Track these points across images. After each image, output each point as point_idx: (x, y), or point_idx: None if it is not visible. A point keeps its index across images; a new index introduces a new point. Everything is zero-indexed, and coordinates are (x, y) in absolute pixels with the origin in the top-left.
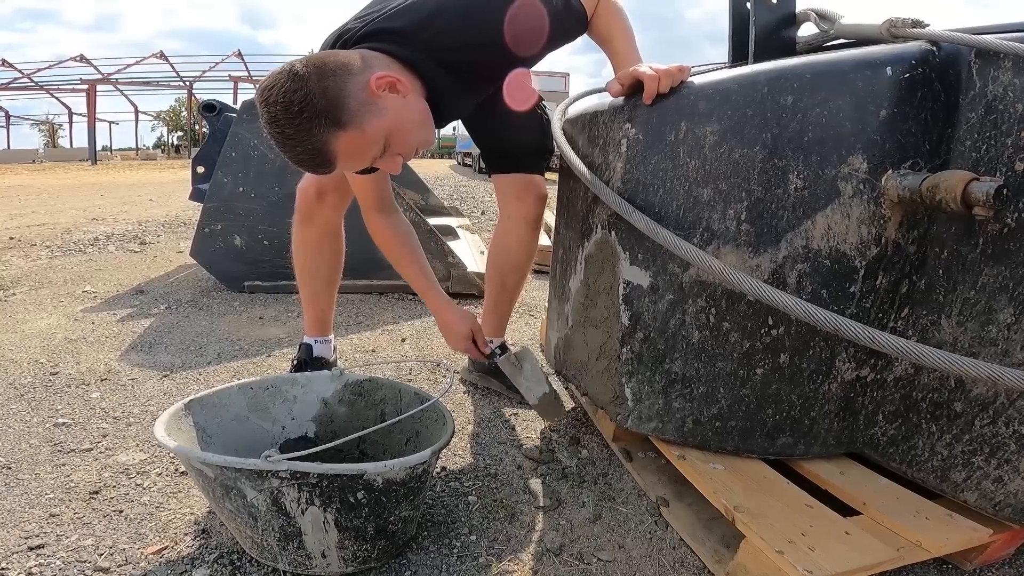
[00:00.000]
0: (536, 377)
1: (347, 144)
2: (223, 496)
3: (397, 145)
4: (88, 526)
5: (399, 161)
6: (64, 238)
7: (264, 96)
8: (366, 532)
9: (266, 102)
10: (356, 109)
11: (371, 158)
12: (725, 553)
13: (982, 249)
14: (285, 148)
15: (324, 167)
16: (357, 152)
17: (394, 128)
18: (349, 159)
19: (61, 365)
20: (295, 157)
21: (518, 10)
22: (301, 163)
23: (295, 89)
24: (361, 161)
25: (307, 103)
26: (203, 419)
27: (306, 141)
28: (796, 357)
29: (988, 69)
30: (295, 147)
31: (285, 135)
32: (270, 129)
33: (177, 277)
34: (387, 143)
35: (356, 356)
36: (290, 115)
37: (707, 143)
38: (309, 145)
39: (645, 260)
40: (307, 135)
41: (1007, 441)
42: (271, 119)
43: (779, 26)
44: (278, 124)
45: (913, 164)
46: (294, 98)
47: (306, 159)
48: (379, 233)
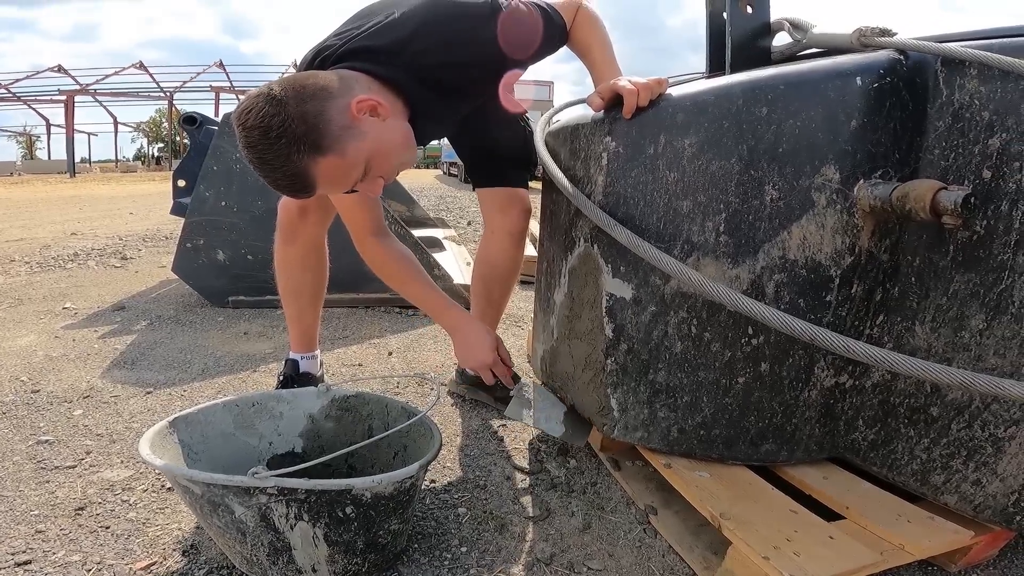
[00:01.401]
0: (547, 404)
1: (327, 169)
2: (211, 512)
3: (378, 168)
4: (75, 542)
5: (380, 184)
6: (43, 253)
7: (241, 120)
8: (356, 546)
9: (244, 126)
10: (336, 134)
11: (352, 182)
12: (713, 559)
13: (953, 256)
14: (264, 173)
15: (304, 192)
16: (338, 177)
17: (375, 151)
18: (329, 184)
19: (42, 383)
20: (274, 182)
21: (504, 25)
22: (280, 188)
23: (273, 114)
24: (342, 185)
25: (285, 128)
26: (188, 436)
27: (285, 166)
28: (776, 365)
29: (954, 77)
30: (274, 172)
31: (264, 160)
32: (248, 153)
33: (159, 292)
34: (368, 166)
35: (343, 370)
36: (268, 140)
37: (685, 155)
38: (288, 170)
39: (627, 273)
40: (286, 160)
41: (983, 444)
42: (249, 144)
43: (754, 36)
44: (256, 149)
45: (884, 174)
46: (272, 123)
47: (285, 184)
48: (379, 257)
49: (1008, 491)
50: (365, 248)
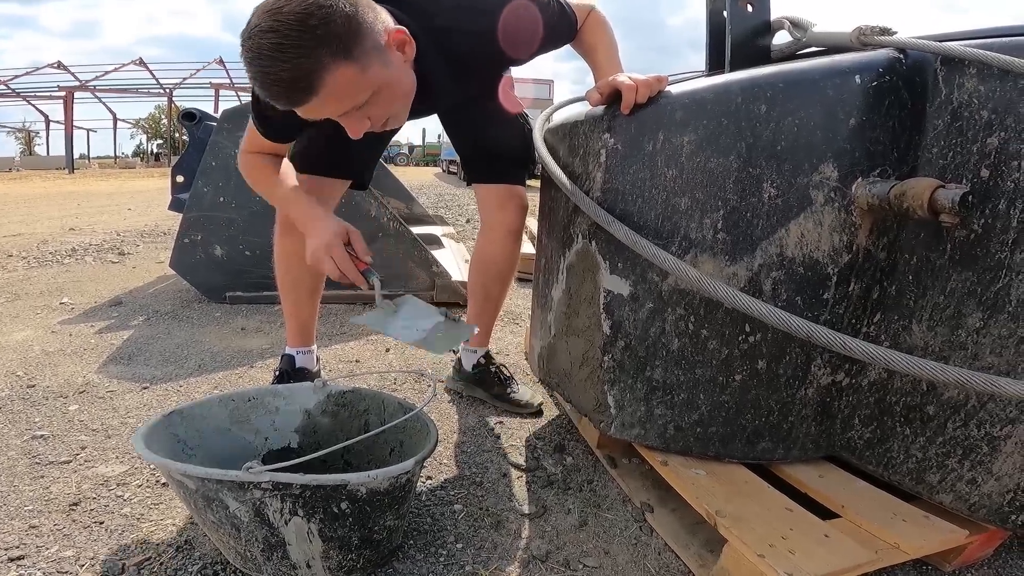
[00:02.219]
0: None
1: (342, 78)
2: (205, 507)
3: (377, 105)
4: (69, 537)
5: (366, 125)
6: (40, 248)
7: (276, 4)
8: (351, 542)
9: (277, 11)
10: (368, 48)
11: (352, 105)
12: (709, 557)
13: (950, 255)
14: (270, 63)
15: (299, 94)
16: (345, 91)
17: (388, 85)
18: (331, 97)
19: (38, 378)
20: (276, 74)
21: (515, 8)
22: (276, 83)
23: (321, 4)
24: (341, 104)
25: (328, 21)
26: (183, 431)
27: (301, 59)
28: (773, 363)
29: (953, 76)
30: (282, 63)
31: (282, 47)
32: (265, 38)
33: (156, 288)
34: (370, 99)
35: (340, 366)
36: (303, 27)
37: (684, 152)
38: (302, 65)
39: (625, 269)
40: (307, 53)
41: (979, 443)
42: (273, 28)
43: (754, 34)
44: (279, 33)
45: (882, 172)
46: (317, 12)
47: (287, 80)
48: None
49: (1003, 490)
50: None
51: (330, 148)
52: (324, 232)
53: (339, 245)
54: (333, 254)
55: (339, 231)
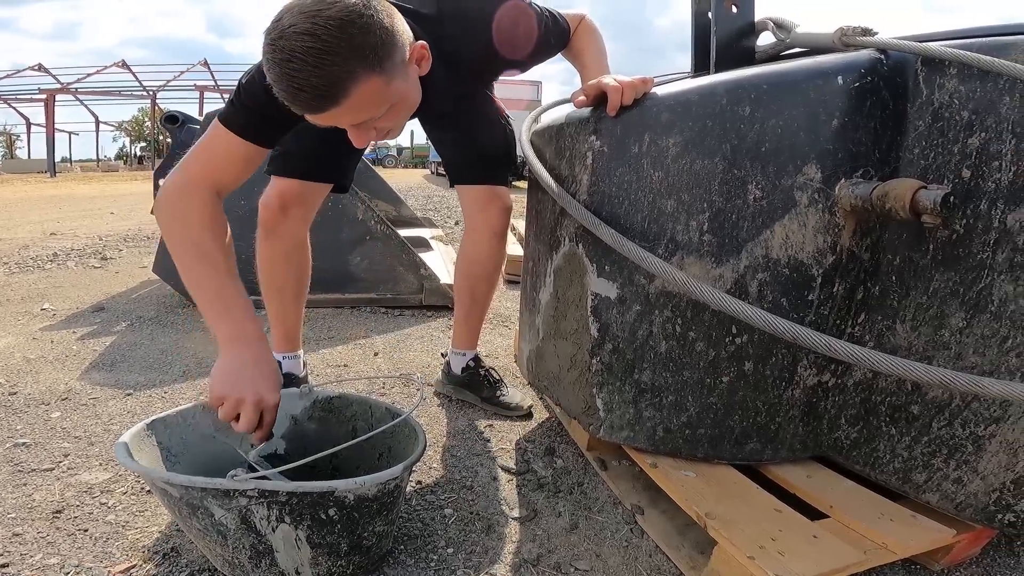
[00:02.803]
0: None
1: (369, 89)
2: (190, 515)
3: (389, 117)
4: (52, 545)
5: (372, 135)
6: (21, 254)
7: (316, 7)
8: (340, 548)
9: (316, 14)
10: (397, 62)
11: (370, 116)
12: (700, 559)
13: (933, 255)
14: (302, 66)
15: (326, 102)
16: (369, 103)
17: (402, 99)
18: (353, 107)
19: (20, 385)
20: (306, 79)
21: (513, 18)
22: (305, 89)
23: (363, 14)
24: (360, 115)
25: (368, 31)
26: (167, 438)
27: (336, 66)
28: (760, 364)
29: (934, 77)
30: (315, 68)
31: (317, 51)
32: (300, 40)
33: (140, 293)
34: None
35: (328, 371)
36: (343, 34)
37: (670, 154)
38: (334, 73)
39: (612, 272)
40: (343, 61)
41: (964, 443)
42: (311, 31)
43: (739, 35)
44: (317, 38)
45: (864, 173)
46: (358, 20)
47: (316, 86)
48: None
49: (989, 489)
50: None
51: (313, 152)
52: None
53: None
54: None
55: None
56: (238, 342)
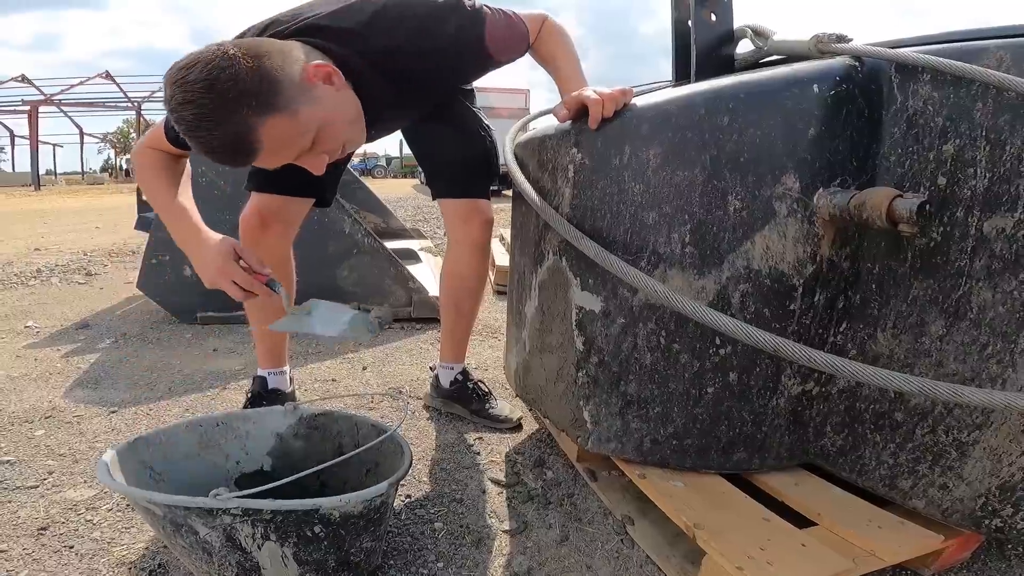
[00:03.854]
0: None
1: (276, 130)
2: (174, 533)
3: (325, 141)
4: (38, 562)
5: (324, 160)
6: (5, 270)
7: (180, 75)
8: (327, 565)
9: (184, 80)
10: (291, 93)
11: (298, 151)
12: (690, 569)
13: (911, 263)
14: (200, 132)
15: (243, 156)
16: (285, 141)
17: (327, 120)
18: (274, 148)
19: (3, 403)
20: (209, 143)
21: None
22: (216, 152)
23: (224, 67)
24: (286, 153)
25: (236, 80)
26: (150, 457)
27: (227, 124)
28: (744, 375)
29: (908, 83)
30: (212, 131)
31: (202, 116)
32: (185, 110)
33: (125, 309)
34: (316, 137)
35: (316, 386)
36: (214, 93)
37: (650, 166)
38: (231, 129)
39: (596, 286)
40: (231, 116)
41: (948, 449)
42: (187, 99)
43: (718, 43)
44: (195, 104)
45: (842, 182)
46: (221, 76)
47: (224, 145)
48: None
49: (975, 495)
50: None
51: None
52: (212, 254)
53: (232, 264)
54: (233, 277)
55: (226, 250)
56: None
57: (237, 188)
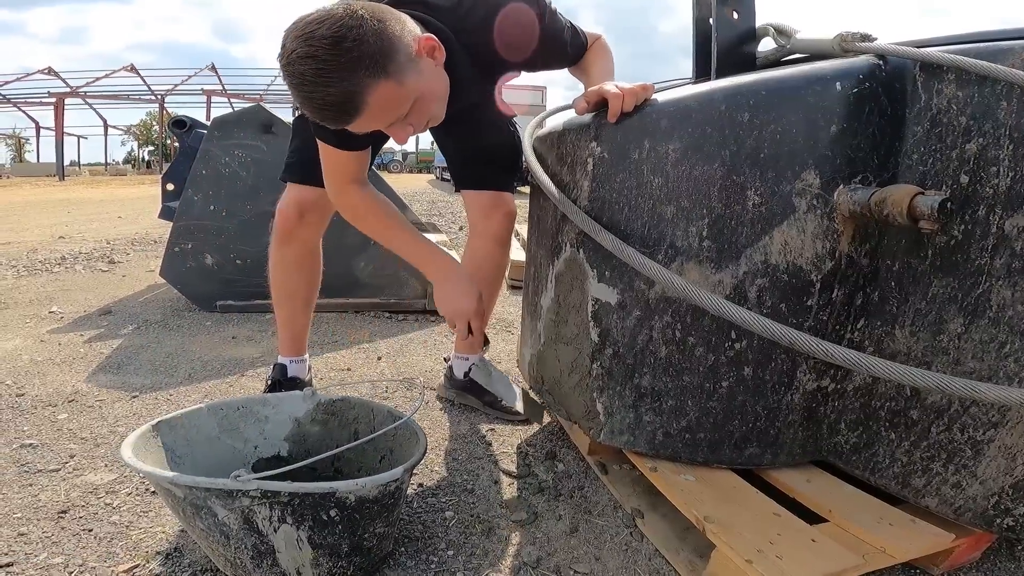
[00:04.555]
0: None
1: (382, 95)
2: (194, 515)
3: (417, 113)
4: (57, 545)
5: (410, 132)
6: (30, 257)
7: (308, 29)
8: (341, 549)
9: (310, 35)
10: (403, 61)
11: (396, 117)
12: (699, 563)
13: (931, 261)
14: (313, 88)
15: (346, 116)
16: (387, 107)
17: (424, 93)
18: (375, 114)
19: (27, 387)
20: (321, 99)
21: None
22: (324, 107)
23: (352, 26)
24: (385, 118)
25: (361, 41)
26: (172, 440)
27: (344, 82)
28: (759, 369)
29: (932, 82)
30: (327, 87)
31: (321, 72)
32: (304, 64)
33: (147, 297)
34: (412, 107)
35: (331, 375)
36: (338, 51)
37: (669, 160)
38: (344, 87)
39: (613, 278)
40: (348, 75)
41: (963, 447)
42: (311, 53)
43: (740, 42)
44: (317, 59)
45: (863, 179)
46: (349, 34)
47: (332, 103)
48: (358, 204)
49: (988, 494)
50: (344, 195)
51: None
52: (470, 292)
53: (481, 306)
54: (477, 318)
55: (477, 295)
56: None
57: (259, 179)
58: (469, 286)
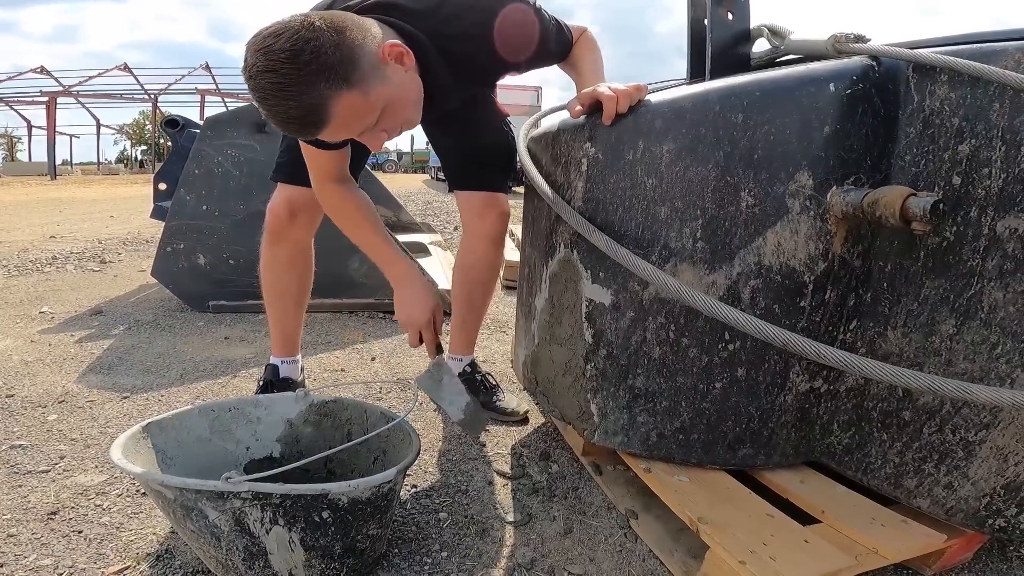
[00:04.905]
0: (455, 389)
1: (347, 106)
2: (184, 517)
3: (388, 119)
4: (47, 546)
5: (383, 138)
6: (21, 257)
7: (266, 43)
8: (333, 551)
9: (268, 49)
10: (366, 70)
11: (364, 127)
12: (693, 564)
13: (923, 262)
14: (275, 102)
15: (312, 128)
16: (354, 117)
17: (393, 100)
18: (342, 123)
19: (17, 387)
20: (284, 113)
21: (516, 15)
22: (288, 122)
23: (308, 39)
24: (353, 128)
25: (318, 54)
26: (162, 441)
27: (304, 95)
28: (752, 370)
29: (925, 83)
30: (288, 101)
31: (281, 86)
32: (264, 78)
33: (138, 297)
34: (381, 114)
35: (325, 375)
36: (296, 64)
37: (663, 161)
38: (306, 100)
39: (606, 279)
40: (308, 88)
41: (955, 448)
42: (269, 67)
43: (734, 42)
44: (277, 73)
45: (856, 180)
46: (306, 47)
47: (296, 117)
48: (334, 198)
49: (979, 494)
50: (324, 192)
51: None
52: (425, 302)
53: (439, 314)
54: (430, 327)
55: (432, 306)
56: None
57: (251, 179)
58: (425, 296)
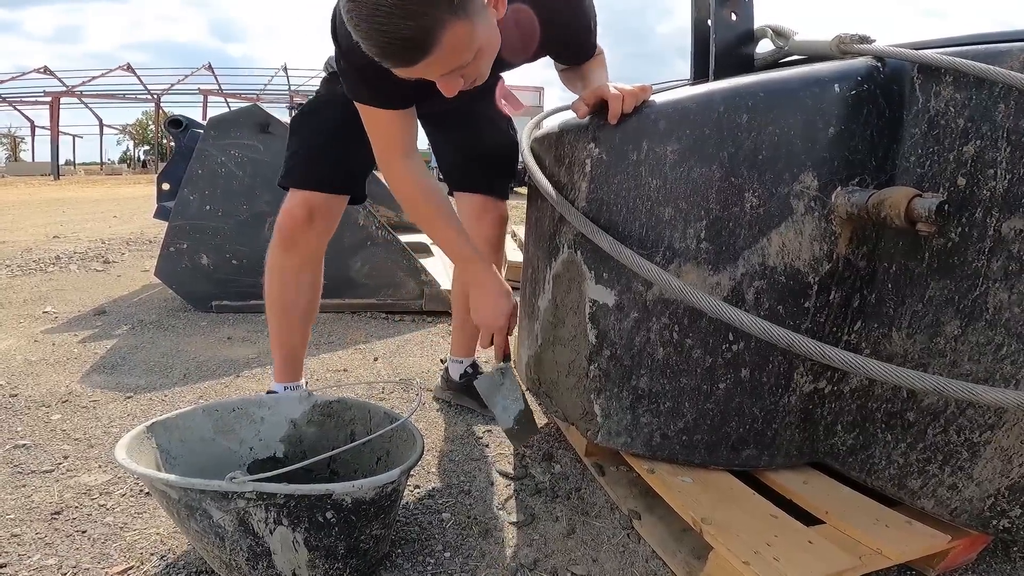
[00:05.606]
0: (513, 396)
1: (457, 36)
2: (188, 517)
3: (475, 64)
4: (51, 546)
5: (459, 84)
6: (24, 256)
7: None
8: (337, 551)
9: None
10: (479, 7)
11: (460, 64)
12: (696, 564)
13: (928, 263)
14: (388, 19)
15: (415, 53)
16: (457, 50)
17: (485, 43)
18: (444, 55)
19: (21, 387)
20: (395, 32)
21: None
22: (393, 41)
23: None
24: (450, 62)
25: None
26: (166, 441)
27: (423, 16)
28: (756, 371)
29: (930, 84)
30: (404, 19)
31: (400, 4)
32: None
33: (141, 297)
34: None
35: (328, 376)
36: None
37: (667, 162)
38: (420, 23)
39: (610, 279)
40: (428, 9)
41: (959, 449)
42: None
43: (738, 43)
44: None
45: (861, 181)
46: None
47: (405, 37)
48: (408, 180)
49: (984, 495)
50: (394, 171)
51: (332, 164)
52: (503, 306)
53: (504, 330)
54: (497, 337)
55: (513, 311)
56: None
57: (255, 179)
58: (504, 300)
